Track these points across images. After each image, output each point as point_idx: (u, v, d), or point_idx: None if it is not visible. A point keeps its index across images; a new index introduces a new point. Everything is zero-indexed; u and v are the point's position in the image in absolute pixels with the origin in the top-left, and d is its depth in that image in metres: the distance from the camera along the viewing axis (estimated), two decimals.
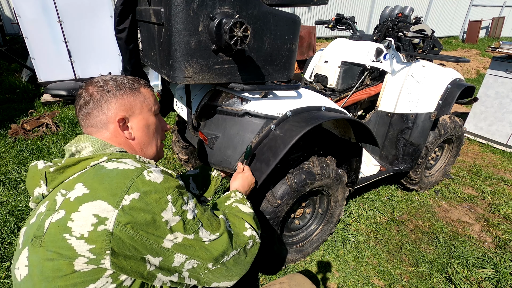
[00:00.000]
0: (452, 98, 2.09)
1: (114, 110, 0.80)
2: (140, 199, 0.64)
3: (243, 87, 1.21)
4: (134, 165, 0.70)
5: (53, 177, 0.71)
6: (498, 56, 3.17)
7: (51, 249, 0.60)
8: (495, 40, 10.63)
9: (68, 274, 0.60)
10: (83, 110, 0.80)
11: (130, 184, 0.64)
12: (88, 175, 0.68)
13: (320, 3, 1.34)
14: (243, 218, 0.91)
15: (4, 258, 1.68)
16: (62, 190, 0.67)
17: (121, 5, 1.41)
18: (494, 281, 1.71)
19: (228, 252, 0.78)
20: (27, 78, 4.61)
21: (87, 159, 0.71)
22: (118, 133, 0.82)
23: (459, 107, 4.64)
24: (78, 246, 0.60)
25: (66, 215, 0.62)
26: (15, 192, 2.19)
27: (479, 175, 2.82)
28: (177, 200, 0.69)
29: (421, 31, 2.00)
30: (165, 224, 0.66)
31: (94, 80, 0.83)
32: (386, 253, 1.89)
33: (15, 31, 7.20)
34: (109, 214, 0.61)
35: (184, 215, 0.70)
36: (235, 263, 0.80)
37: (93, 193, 0.63)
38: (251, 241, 0.86)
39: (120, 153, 0.76)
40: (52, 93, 3.83)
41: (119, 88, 0.82)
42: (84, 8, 3.95)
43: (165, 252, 0.67)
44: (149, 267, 0.67)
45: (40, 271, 0.61)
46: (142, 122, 0.86)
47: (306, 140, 1.64)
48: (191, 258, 0.71)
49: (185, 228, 0.69)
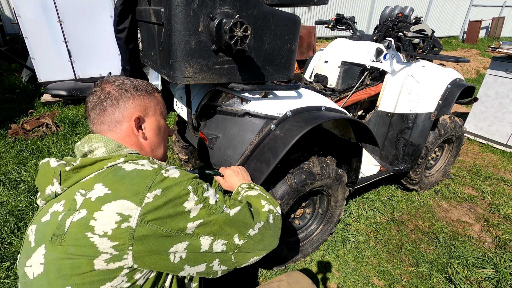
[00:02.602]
0: (452, 98, 2.09)
1: (131, 109, 0.82)
2: (163, 194, 0.66)
3: (243, 87, 1.21)
4: (151, 166, 0.73)
5: (68, 176, 0.71)
6: (498, 56, 3.17)
7: (72, 248, 0.62)
8: (495, 40, 10.61)
9: (86, 272, 0.62)
10: (98, 107, 0.80)
11: (151, 182, 0.67)
12: (106, 176, 0.69)
13: (320, 3, 1.35)
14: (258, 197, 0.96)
15: (4, 258, 1.68)
16: (81, 190, 0.68)
17: (121, 5, 1.41)
18: (494, 281, 1.71)
19: (253, 225, 0.80)
20: (27, 78, 4.61)
21: (103, 160, 0.72)
22: (131, 133, 0.83)
23: (459, 107, 4.64)
24: (101, 243, 0.61)
25: (88, 214, 0.63)
26: (15, 192, 2.19)
27: (479, 175, 2.82)
28: (198, 189, 0.72)
29: (421, 31, 2.00)
30: (189, 213, 0.69)
31: (109, 79, 0.84)
32: (386, 253, 1.89)
33: (15, 31, 7.19)
34: (133, 212, 0.63)
35: (207, 201, 0.73)
36: (261, 237, 0.82)
37: (115, 193, 0.65)
38: (271, 214, 0.90)
39: (135, 155, 0.77)
40: (52, 93, 3.84)
41: (136, 89, 0.84)
42: (84, 8, 3.95)
43: (190, 238, 0.69)
44: (173, 259, 0.68)
45: (58, 269, 0.62)
46: (155, 124, 0.88)
47: (306, 140, 1.64)
48: (217, 238, 0.72)
49: (208, 213, 0.72)
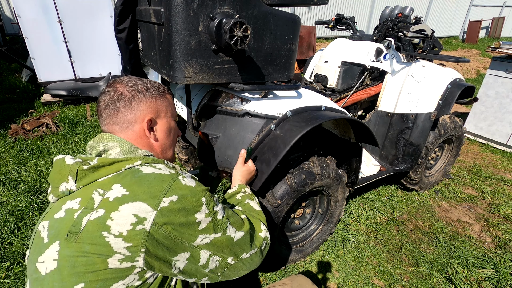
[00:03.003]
0: (452, 98, 2.09)
1: (144, 110, 0.82)
2: (178, 201, 0.68)
3: (243, 87, 1.21)
4: (169, 170, 0.74)
5: (85, 175, 0.71)
6: (498, 56, 3.17)
7: (87, 246, 0.63)
8: (495, 40, 10.61)
9: (100, 270, 0.63)
10: (110, 107, 0.80)
11: (168, 187, 0.69)
12: (125, 177, 0.70)
13: (320, 3, 1.34)
14: (259, 219, 0.96)
15: (4, 258, 1.68)
16: (99, 189, 0.68)
17: (121, 5, 1.41)
18: (494, 281, 1.71)
19: (248, 250, 0.83)
20: (27, 78, 4.61)
21: (121, 161, 0.73)
22: (143, 134, 0.84)
23: (459, 107, 4.64)
24: (115, 243, 0.63)
25: (105, 214, 0.64)
26: (15, 192, 2.19)
27: (479, 175, 2.82)
28: (210, 202, 0.75)
29: (421, 31, 2.00)
30: (198, 225, 0.71)
31: (122, 79, 0.84)
32: (386, 253, 1.89)
33: (15, 31, 7.20)
34: (148, 214, 0.65)
35: (215, 215, 0.76)
36: (250, 261, 0.86)
37: (132, 194, 0.66)
38: (265, 241, 0.92)
39: (151, 158, 0.79)
40: (52, 93, 3.84)
41: (149, 90, 0.84)
42: (84, 8, 3.95)
43: (193, 249, 0.71)
44: (173, 270, 0.71)
45: (72, 266, 0.63)
46: (166, 125, 0.89)
47: (306, 140, 1.64)
48: (214, 255, 0.75)
49: (215, 227, 0.75)
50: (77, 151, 2.82)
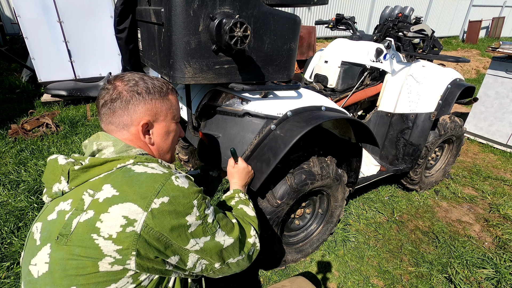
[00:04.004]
0: (452, 98, 2.09)
1: (140, 113, 0.79)
2: (169, 203, 0.67)
3: (243, 87, 1.21)
4: (161, 170, 0.72)
5: (76, 175, 0.70)
6: (498, 56, 3.17)
7: (77, 249, 0.61)
8: (495, 40, 10.61)
9: (91, 273, 0.62)
10: (107, 106, 0.78)
11: (160, 188, 0.67)
12: (116, 177, 0.68)
13: (320, 3, 1.34)
14: (250, 223, 0.95)
15: (4, 258, 1.68)
16: (89, 190, 0.67)
17: (121, 5, 1.41)
18: (494, 281, 1.71)
19: (235, 256, 0.83)
20: (27, 78, 4.61)
21: (113, 161, 0.71)
22: (138, 137, 0.81)
23: (459, 107, 4.64)
24: (105, 246, 0.61)
25: (95, 215, 0.63)
26: (15, 192, 2.19)
27: (479, 175, 2.82)
28: (201, 205, 0.73)
29: (421, 31, 2.00)
30: (188, 228, 0.70)
31: (124, 77, 0.81)
32: (386, 253, 1.89)
33: (15, 31, 7.19)
34: (138, 216, 0.63)
35: (206, 218, 0.74)
36: (237, 266, 0.85)
37: (122, 195, 0.65)
38: (253, 248, 0.91)
39: (144, 157, 0.76)
40: (52, 93, 3.84)
41: (149, 91, 0.80)
42: (84, 8, 3.95)
43: (183, 252, 0.71)
44: (168, 267, 0.71)
45: (63, 269, 0.62)
46: (164, 129, 0.86)
47: (306, 140, 1.64)
48: (202, 259, 0.75)
49: (204, 231, 0.73)
50: (77, 151, 2.82)
